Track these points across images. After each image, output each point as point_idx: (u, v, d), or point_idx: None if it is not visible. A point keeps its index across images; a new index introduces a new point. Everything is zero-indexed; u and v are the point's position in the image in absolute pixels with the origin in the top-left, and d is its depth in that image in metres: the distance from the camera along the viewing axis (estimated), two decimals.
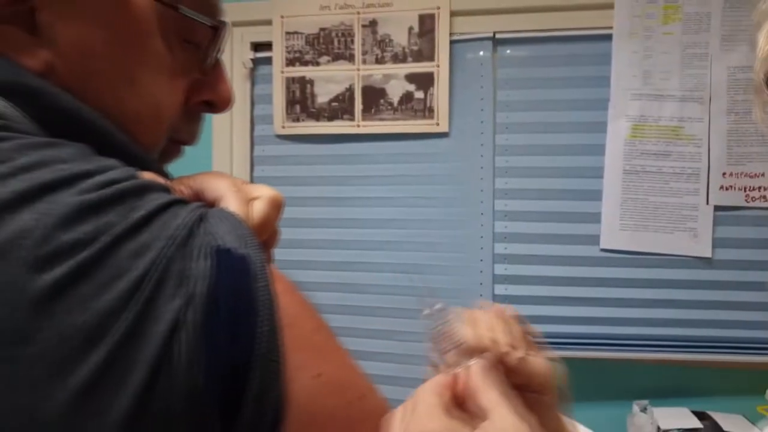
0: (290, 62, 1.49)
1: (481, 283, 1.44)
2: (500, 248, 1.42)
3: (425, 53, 1.44)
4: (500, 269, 1.43)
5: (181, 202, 0.31)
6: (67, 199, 0.27)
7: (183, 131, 0.43)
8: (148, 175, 0.33)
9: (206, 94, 0.43)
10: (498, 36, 1.42)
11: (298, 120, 1.50)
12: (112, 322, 0.25)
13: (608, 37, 1.36)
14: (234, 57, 1.54)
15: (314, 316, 0.35)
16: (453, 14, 1.42)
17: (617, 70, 1.36)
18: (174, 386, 0.26)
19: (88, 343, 0.24)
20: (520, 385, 0.42)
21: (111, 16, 0.36)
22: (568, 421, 0.49)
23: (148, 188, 0.30)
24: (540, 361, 0.44)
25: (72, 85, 0.35)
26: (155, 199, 0.30)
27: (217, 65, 0.44)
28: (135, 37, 0.37)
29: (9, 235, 0.25)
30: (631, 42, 1.35)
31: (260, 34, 1.52)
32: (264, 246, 0.34)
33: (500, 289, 1.43)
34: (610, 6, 1.35)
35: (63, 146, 0.31)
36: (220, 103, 0.44)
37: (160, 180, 0.33)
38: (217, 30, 0.42)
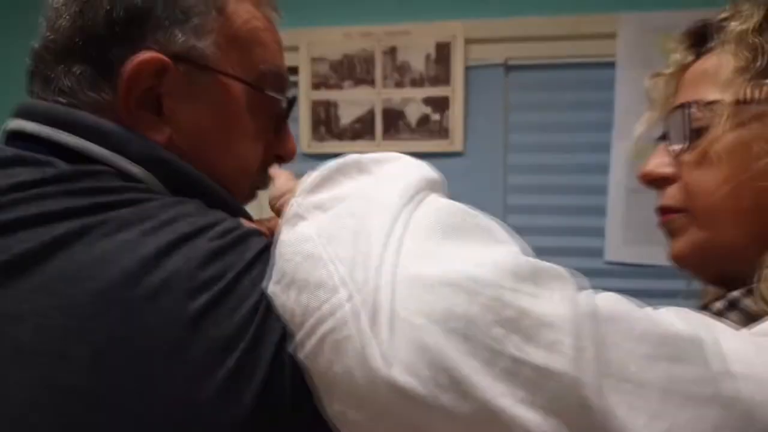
0: (316, 86, 1.61)
1: None
2: None
3: (441, 78, 1.54)
4: None
5: (269, 244, 0.41)
6: (202, 245, 0.37)
7: (259, 180, 0.54)
8: (246, 223, 0.43)
9: (277, 150, 0.54)
10: (510, 62, 1.53)
11: (323, 140, 1.62)
12: (243, 335, 0.35)
13: (612, 65, 1.46)
14: None
15: None
16: (467, 42, 1.53)
17: (620, 94, 1.45)
18: (284, 384, 0.35)
19: (226, 350, 0.34)
20: None
21: (216, 100, 0.47)
22: None
23: (251, 234, 0.41)
24: None
25: (186, 153, 0.46)
26: (257, 243, 0.40)
27: (285, 126, 0.54)
28: (233, 115, 0.48)
29: (167, 273, 0.35)
30: (633, 68, 1.44)
31: (288, 59, 1.63)
32: None
33: None
34: (614, 36, 1.45)
35: (187, 203, 0.42)
36: (288, 156, 0.55)
37: (254, 225, 0.44)
38: (289, 103, 0.53)
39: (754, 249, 0.42)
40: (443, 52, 1.54)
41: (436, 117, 1.55)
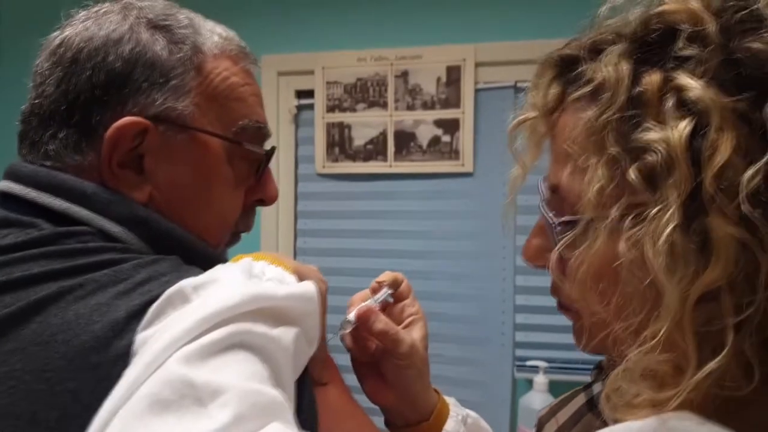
0: (330, 109, 1.66)
1: (503, 312, 1.55)
2: (521, 280, 1.53)
3: (452, 101, 1.58)
4: (521, 300, 1.54)
5: None
6: None
7: (241, 224, 0.56)
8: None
9: (259, 194, 0.56)
10: (519, 85, 1.56)
11: (336, 160, 1.66)
12: None
13: None
14: (280, 103, 1.72)
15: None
16: (478, 65, 1.56)
17: None
18: None
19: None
20: (388, 349, 0.52)
21: (195, 156, 0.49)
22: (450, 401, 0.58)
23: None
24: (405, 334, 0.54)
25: (166, 208, 0.48)
26: None
27: (266, 171, 0.56)
28: (211, 170, 0.50)
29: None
30: None
31: (304, 83, 1.70)
32: None
33: (521, 318, 1.54)
34: None
35: (162, 261, 0.43)
36: (269, 200, 0.57)
37: None
38: (268, 154, 0.55)
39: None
40: (454, 75, 1.58)
41: (446, 138, 1.58)
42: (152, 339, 0.33)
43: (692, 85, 0.33)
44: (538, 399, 1.36)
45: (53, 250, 0.42)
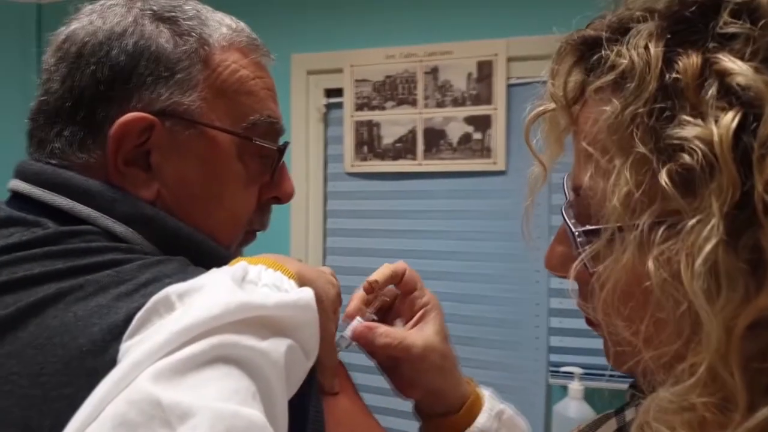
0: (359, 107, 1.64)
1: (537, 315, 1.50)
2: (555, 282, 1.48)
3: (483, 97, 1.54)
4: (555, 303, 1.48)
5: None
6: None
7: (256, 222, 0.54)
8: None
9: (274, 192, 0.54)
10: None
11: (365, 159, 1.64)
12: None
13: None
14: (310, 102, 1.70)
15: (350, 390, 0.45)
16: (510, 60, 1.52)
17: None
18: None
19: None
20: (399, 358, 0.49)
21: (203, 152, 0.47)
22: (486, 394, 0.55)
23: None
24: (415, 336, 0.50)
25: (174, 206, 0.46)
26: None
27: (281, 167, 0.54)
28: (220, 166, 0.48)
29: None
30: None
31: (332, 82, 1.68)
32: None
33: (555, 322, 1.48)
34: None
35: (167, 262, 0.42)
36: (284, 198, 0.54)
37: None
38: (281, 150, 0.52)
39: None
40: (485, 70, 1.53)
41: (477, 136, 1.54)
42: (130, 351, 0.31)
43: (739, 68, 0.28)
44: (573, 407, 1.31)
45: (56, 249, 0.40)
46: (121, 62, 0.45)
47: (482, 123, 1.54)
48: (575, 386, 1.33)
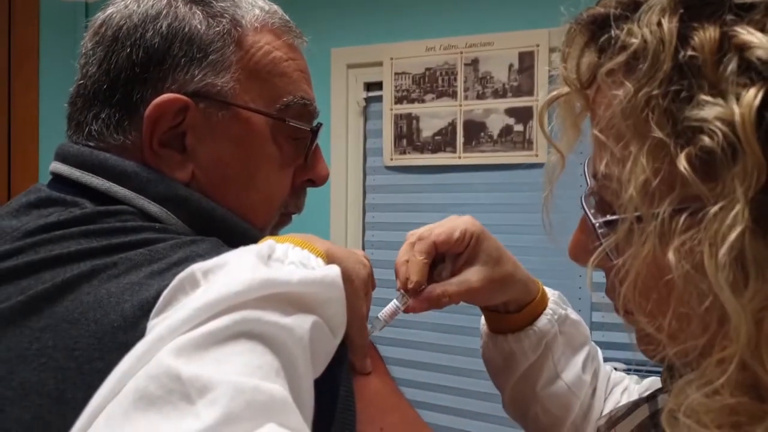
0: (398, 100, 1.64)
1: (579, 310, 1.47)
2: (598, 276, 1.45)
3: (524, 88, 1.52)
4: (598, 297, 1.45)
5: None
6: None
7: (291, 205, 0.54)
8: None
9: (308, 175, 0.54)
10: None
11: (404, 152, 1.64)
12: None
13: None
14: (349, 96, 1.71)
15: (381, 372, 0.44)
16: (552, 50, 1.49)
17: None
18: None
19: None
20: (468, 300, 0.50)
21: (237, 133, 0.48)
22: (552, 298, 0.57)
23: None
24: (470, 277, 0.51)
25: (208, 188, 0.47)
26: None
27: (316, 150, 0.54)
28: (254, 147, 0.49)
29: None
30: None
31: (372, 75, 1.69)
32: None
33: (597, 317, 1.45)
34: None
35: (201, 242, 0.42)
36: (319, 180, 0.55)
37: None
38: (314, 131, 0.52)
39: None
40: (526, 61, 1.51)
41: (519, 128, 1.52)
42: (155, 328, 0.31)
43: (760, 41, 0.26)
44: None
45: (92, 228, 0.42)
46: (155, 44, 0.45)
47: (524, 115, 1.52)
48: None
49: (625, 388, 0.60)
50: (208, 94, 0.46)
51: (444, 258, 0.53)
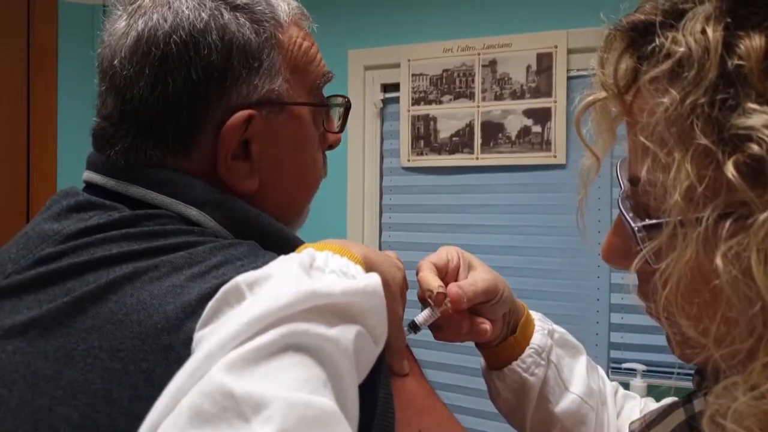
0: (416, 101, 1.64)
1: (597, 311, 1.47)
2: (617, 277, 1.44)
3: (543, 89, 1.51)
4: (616, 298, 1.45)
5: None
6: None
7: (322, 175, 0.56)
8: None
9: (328, 140, 0.56)
10: None
11: (422, 153, 1.64)
12: None
13: None
14: (366, 97, 1.72)
15: (417, 375, 0.45)
16: (570, 52, 1.49)
17: None
18: None
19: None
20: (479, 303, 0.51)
21: (293, 132, 0.49)
22: (536, 316, 0.58)
23: None
24: (476, 280, 0.51)
25: (267, 188, 0.48)
26: None
27: (328, 116, 0.56)
28: (305, 139, 0.51)
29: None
30: None
31: (389, 76, 1.69)
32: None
33: (616, 318, 1.45)
34: None
35: (239, 246, 0.42)
36: (335, 144, 0.57)
37: None
38: (347, 104, 0.55)
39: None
40: (545, 62, 1.51)
41: (537, 129, 1.52)
42: (203, 342, 0.31)
43: None
44: None
45: (133, 231, 0.42)
46: (213, 61, 0.44)
47: (542, 116, 1.52)
48: (637, 383, 1.30)
49: (644, 405, 0.61)
50: (269, 100, 0.47)
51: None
